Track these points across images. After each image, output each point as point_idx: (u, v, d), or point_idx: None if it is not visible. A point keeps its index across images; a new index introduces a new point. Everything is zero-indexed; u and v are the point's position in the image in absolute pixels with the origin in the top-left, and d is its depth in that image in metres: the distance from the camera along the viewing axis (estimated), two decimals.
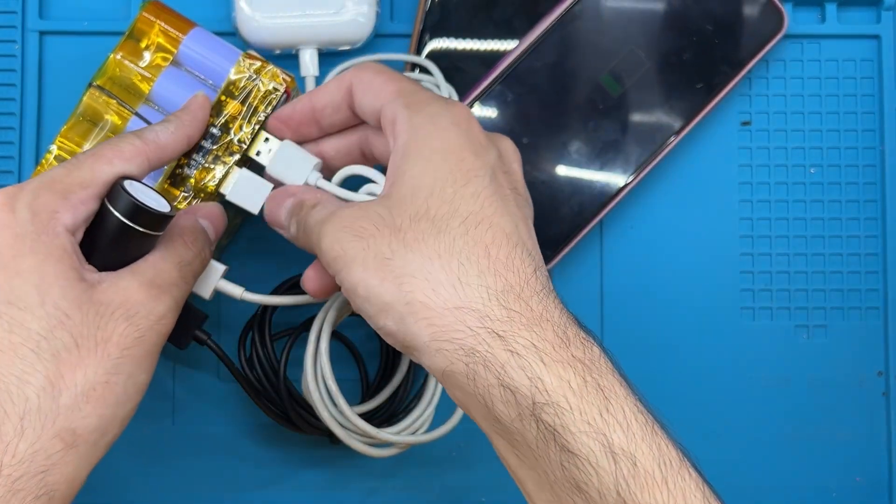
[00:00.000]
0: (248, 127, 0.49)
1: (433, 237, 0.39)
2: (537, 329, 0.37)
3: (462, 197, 0.40)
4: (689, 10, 0.56)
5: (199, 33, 0.50)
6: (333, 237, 0.41)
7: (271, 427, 0.55)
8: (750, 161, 0.58)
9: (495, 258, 0.39)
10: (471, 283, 0.38)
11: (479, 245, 0.39)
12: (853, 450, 0.57)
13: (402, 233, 0.39)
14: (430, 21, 0.56)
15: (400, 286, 0.38)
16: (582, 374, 0.37)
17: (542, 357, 0.37)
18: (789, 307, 0.58)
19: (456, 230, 0.39)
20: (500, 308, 0.38)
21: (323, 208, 0.43)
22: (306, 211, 0.44)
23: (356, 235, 0.40)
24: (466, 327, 0.37)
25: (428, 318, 0.38)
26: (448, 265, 0.38)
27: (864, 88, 0.59)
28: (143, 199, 0.42)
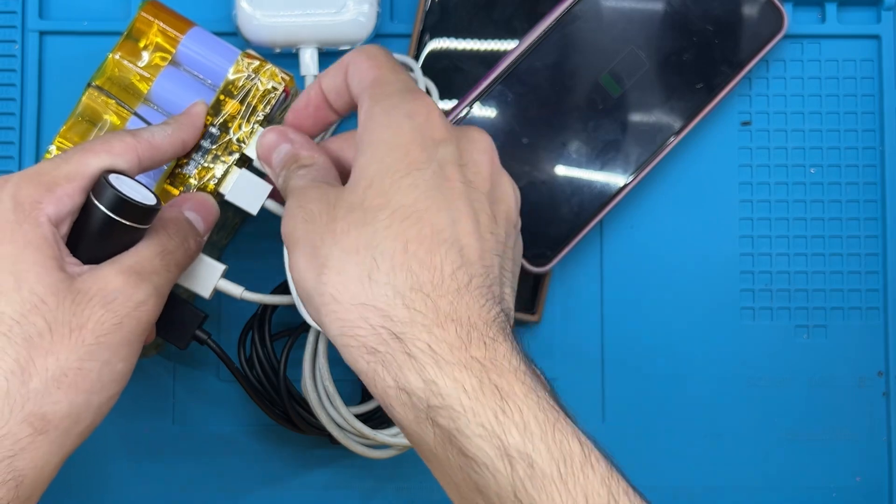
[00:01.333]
0: (248, 126, 0.49)
1: (357, 229, 0.38)
2: (438, 331, 0.36)
3: (398, 189, 0.38)
4: (689, 10, 0.56)
5: (198, 33, 0.50)
6: (292, 212, 0.41)
7: (271, 427, 0.55)
8: (750, 161, 0.58)
9: (413, 254, 0.37)
10: (379, 280, 0.37)
11: (399, 240, 0.38)
12: (853, 450, 0.57)
13: (335, 222, 0.39)
14: (430, 21, 0.56)
15: (319, 276, 0.38)
16: (478, 375, 0.35)
17: (437, 360, 0.36)
18: (789, 307, 0.58)
19: (381, 223, 0.38)
20: (403, 308, 0.37)
21: (307, 174, 0.43)
22: (293, 169, 0.43)
23: (305, 218, 0.40)
24: (369, 325, 0.37)
25: (336, 312, 0.37)
26: (363, 260, 0.37)
27: (864, 88, 0.59)
28: (129, 192, 0.42)
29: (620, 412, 0.57)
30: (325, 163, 0.44)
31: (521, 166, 0.55)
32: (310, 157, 0.44)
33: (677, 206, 0.58)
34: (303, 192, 0.41)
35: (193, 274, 0.48)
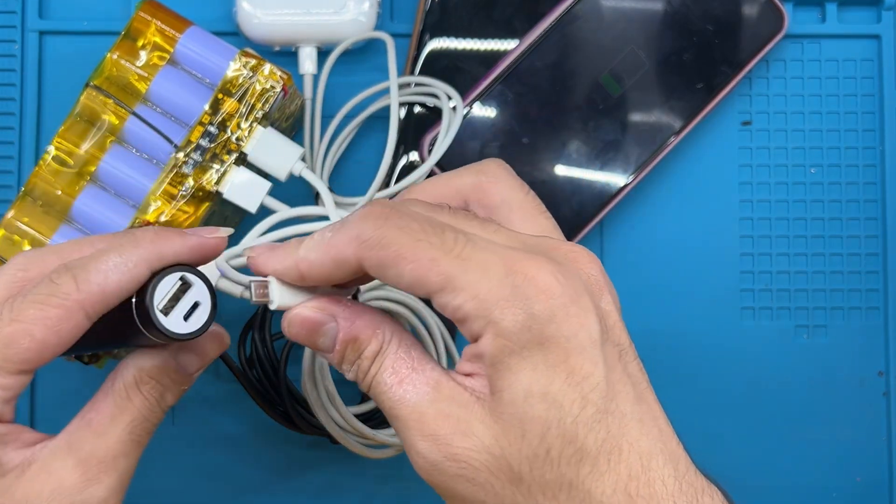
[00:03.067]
0: (246, 124, 0.49)
1: (565, 493, 0.32)
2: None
3: (584, 426, 0.32)
4: (689, 10, 0.56)
5: (196, 32, 0.50)
6: (430, 465, 0.33)
7: (271, 427, 0.55)
8: (750, 161, 0.58)
9: (636, 495, 0.32)
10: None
11: (619, 488, 0.32)
12: (853, 450, 0.57)
13: (525, 484, 0.32)
14: (430, 21, 0.56)
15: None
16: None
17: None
18: (789, 307, 0.58)
19: (589, 477, 0.32)
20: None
21: (393, 379, 0.34)
22: (368, 366, 0.35)
23: (467, 477, 0.32)
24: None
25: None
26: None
27: (865, 88, 0.59)
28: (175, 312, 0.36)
29: None
30: (397, 337, 0.35)
31: (521, 166, 0.55)
32: (374, 336, 0.35)
33: (677, 206, 0.58)
34: (427, 428, 0.33)
35: None
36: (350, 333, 0.35)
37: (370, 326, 0.35)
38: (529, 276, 0.32)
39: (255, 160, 0.49)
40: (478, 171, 0.38)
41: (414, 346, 0.35)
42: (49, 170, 0.49)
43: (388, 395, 0.34)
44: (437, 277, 0.32)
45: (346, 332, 0.35)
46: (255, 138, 0.49)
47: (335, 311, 0.35)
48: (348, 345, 0.35)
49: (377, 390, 0.34)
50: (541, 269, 0.32)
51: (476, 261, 0.32)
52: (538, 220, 0.38)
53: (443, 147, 0.51)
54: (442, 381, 0.33)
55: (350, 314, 0.35)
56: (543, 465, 0.32)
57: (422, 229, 0.33)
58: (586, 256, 0.35)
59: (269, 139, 0.49)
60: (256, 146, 0.49)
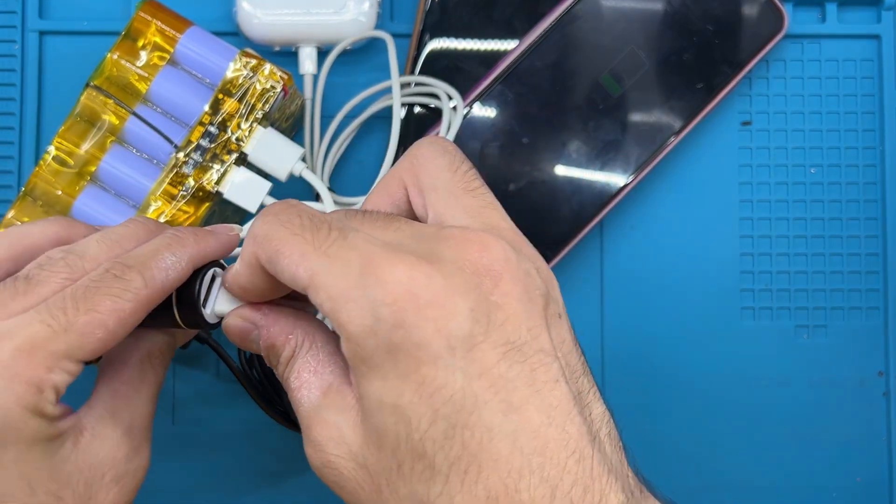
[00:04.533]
0: (246, 125, 0.49)
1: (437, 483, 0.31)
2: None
3: (433, 442, 0.30)
4: (689, 10, 0.56)
5: (196, 32, 0.50)
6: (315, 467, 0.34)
7: (271, 427, 0.55)
8: (750, 161, 0.58)
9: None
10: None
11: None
12: (853, 450, 0.57)
13: (384, 497, 0.32)
14: (430, 21, 0.56)
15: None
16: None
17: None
18: (789, 307, 0.58)
19: (440, 498, 0.31)
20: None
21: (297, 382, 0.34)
22: (283, 371, 0.35)
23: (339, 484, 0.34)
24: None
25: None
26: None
27: (865, 88, 0.59)
28: (209, 301, 0.38)
29: (620, 412, 0.57)
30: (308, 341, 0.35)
31: (521, 166, 0.55)
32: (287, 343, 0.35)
33: (677, 206, 0.58)
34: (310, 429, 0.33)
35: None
36: (267, 340, 0.35)
37: (283, 332, 0.35)
38: (381, 276, 0.30)
39: (255, 160, 0.49)
40: (411, 155, 0.36)
41: (325, 346, 0.34)
42: (49, 170, 0.49)
43: (291, 399, 0.34)
44: (304, 273, 0.31)
45: (264, 339, 0.35)
46: (255, 138, 0.49)
47: (255, 318, 0.35)
48: (269, 351, 0.35)
49: (289, 395, 0.34)
50: (396, 268, 0.30)
51: (340, 259, 0.31)
52: (462, 199, 0.35)
53: None
54: (333, 385, 0.33)
55: (268, 321, 0.35)
56: (397, 479, 0.31)
57: (301, 224, 0.32)
58: (481, 244, 0.32)
59: (270, 139, 0.49)
60: (256, 146, 0.49)
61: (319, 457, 0.33)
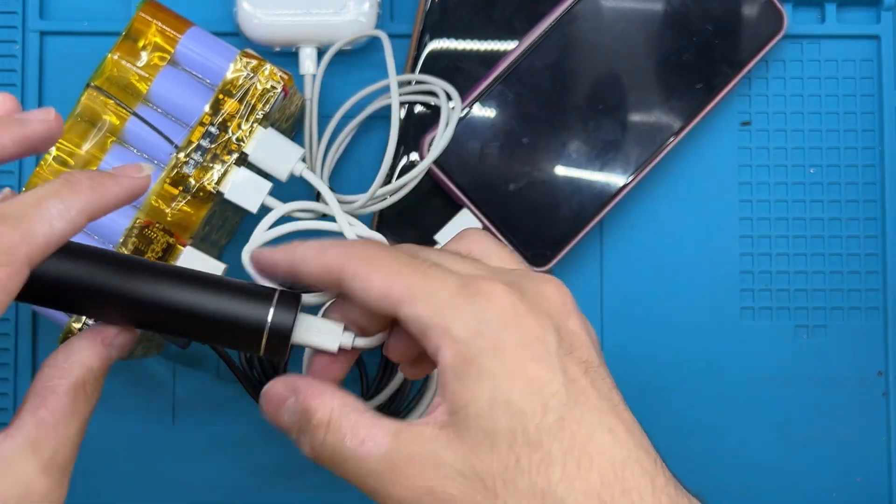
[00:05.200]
0: (247, 125, 0.49)
1: (539, 501, 0.32)
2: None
3: (548, 432, 0.32)
4: (689, 10, 0.56)
5: (196, 32, 0.50)
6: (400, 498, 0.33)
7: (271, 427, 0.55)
8: (750, 161, 0.58)
9: (612, 503, 0.32)
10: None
11: (591, 495, 0.32)
12: (853, 450, 0.57)
13: (501, 499, 0.32)
14: (430, 21, 0.56)
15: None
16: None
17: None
18: (789, 307, 0.58)
19: (560, 485, 0.32)
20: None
21: (353, 442, 0.34)
22: (322, 437, 0.35)
23: (441, 500, 0.33)
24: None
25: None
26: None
27: (864, 88, 0.59)
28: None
29: None
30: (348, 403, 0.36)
31: (521, 166, 0.55)
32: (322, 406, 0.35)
33: (677, 206, 0.58)
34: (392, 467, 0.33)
35: None
36: (302, 407, 0.36)
37: (318, 396, 0.36)
38: (483, 289, 0.34)
39: (255, 160, 0.49)
40: (459, 237, 0.40)
41: (365, 408, 0.35)
42: (50, 170, 0.49)
43: (353, 459, 0.34)
44: (400, 288, 0.34)
45: (301, 405, 0.36)
46: (255, 139, 0.49)
47: (297, 385, 0.37)
48: (300, 416, 0.36)
49: (340, 458, 0.34)
50: (495, 286, 0.34)
51: (437, 276, 0.35)
52: (514, 264, 0.39)
53: (441, 144, 0.51)
54: (401, 428, 0.34)
55: (304, 385, 0.36)
56: (515, 475, 0.32)
57: (399, 252, 0.36)
58: (553, 285, 0.36)
59: (270, 139, 0.49)
60: (257, 146, 0.49)
61: (419, 489, 0.33)
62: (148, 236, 0.48)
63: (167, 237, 0.48)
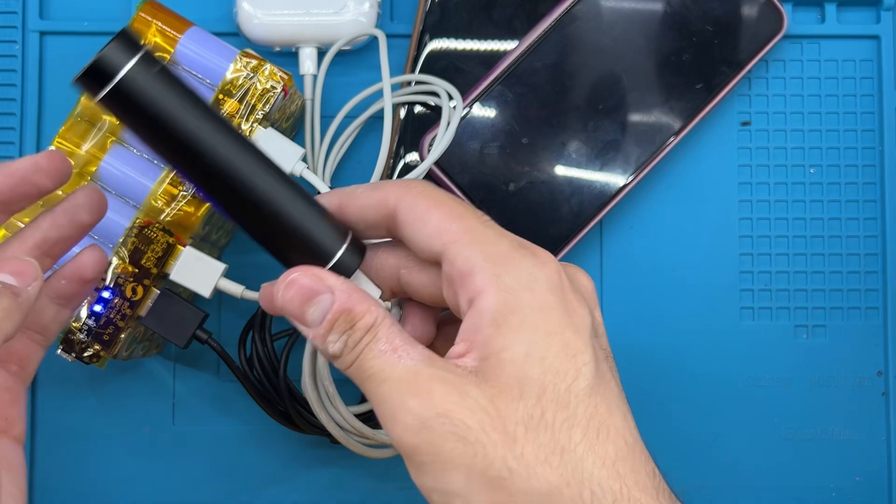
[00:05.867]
0: (247, 125, 0.49)
1: (557, 457, 0.32)
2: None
3: (576, 395, 0.33)
4: (689, 10, 0.56)
5: (196, 32, 0.50)
6: (420, 422, 0.33)
7: (271, 427, 0.55)
8: (750, 161, 0.58)
9: (624, 476, 0.33)
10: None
11: (607, 464, 0.33)
12: (853, 450, 0.57)
13: (519, 445, 0.32)
14: (430, 21, 0.57)
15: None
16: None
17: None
18: (789, 307, 0.58)
19: (580, 445, 0.33)
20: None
21: (387, 346, 0.34)
22: (360, 337, 0.35)
23: (459, 435, 0.32)
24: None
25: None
26: (580, 496, 0.32)
27: (864, 88, 0.59)
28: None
29: None
30: (386, 316, 0.35)
31: (521, 166, 0.55)
32: (367, 311, 0.35)
33: (677, 206, 0.58)
34: (418, 386, 0.33)
35: (193, 273, 0.48)
36: (346, 304, 0.35)
37: (365, 302, 0.35)
38: (538, 254, 0.35)
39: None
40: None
41: (401, 329, 0.35)
42: None
43: (379, 361, 0.34)
44: (458, 228, 0.35)
45: (343, 302, 0.35)
46: (255, 138, 0.49)
47: (333, 283, 0.35)
48: (341, 315, 0.35)
49: (366, 357, 0.34)
50: (548, 255, 0.36)
51: (496, 228, 0.36)
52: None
53: (443, 145, 0.51)
54: (434, 356, 0.34)
55: (347, 287, 0.35)
56: (538, 427, 0.32)
57: (458, 199, 0.37)
58: (586, 275, 0.38)
59: (270, 139, 0.49)
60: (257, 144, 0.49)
61: (436, 406, 0.33)
62: (148, 236, 0.48)
63: (167, 237, 0.48)
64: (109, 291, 0.47)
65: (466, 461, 0.32)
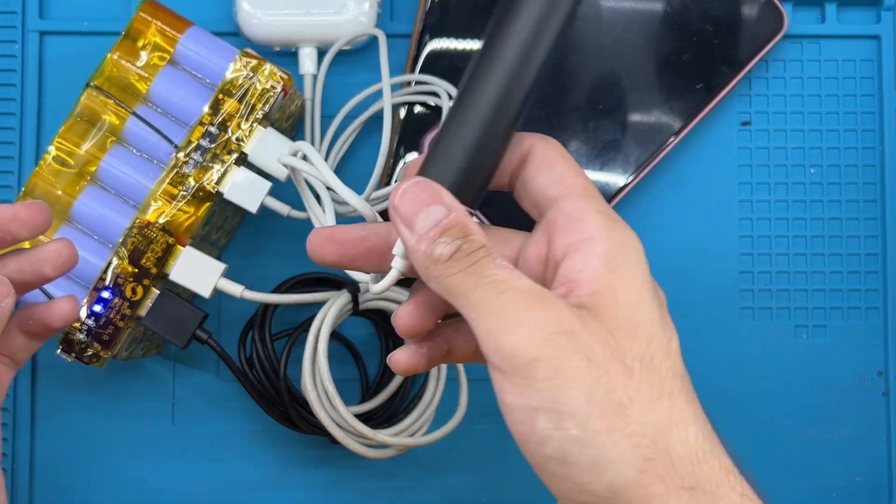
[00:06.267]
0: (246, 125, 0.49)
1: (666, 400, 0.33)
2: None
3: (676, 352, 0.35)
4: (689, 10, 0.56)
5: (196, 32, 0.50)
6: (546, 334, 0.32)
7: (271, 427, 0.55)
8: (750, 161, 0.58)
9: (710, 435, 0.34)
10: (707, 461, 0.33)
11: (700, 419, 0.34)
12: (853, 450, 0.57)
13: (635, 380, 0.33)
14: (430, 21, 0.56)
15: (635, 447, 0.32)
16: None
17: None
18: (789, 307, 0.58)
19: (681, 397, 0.34)
20: (732, 491, 0.33)
21: (505, 263, 0.34)
22: (476, 248, 0.34)
23: (585, 355, 0.32)
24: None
25: (658, 496, 0.32)
26: (685, 436, 0.33)
27: (864, 88, 0.59)
28: None
29: None
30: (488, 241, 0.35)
31: None
32: (481, 234, 0.35)
33: (677, 206, 0.58)
34: (537, 302, 0.33)
35: (193, 273, 0.48)
36: (463, 220, 0.34)
37: (478, 228, 0.35)
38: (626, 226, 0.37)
39: (255, 160, 0.49)
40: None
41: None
42: (49, 170, 0.49)
43: (501, 272, 0.34)
44: (578, 183, 0.37)
45: (461, 218, 0.34)
46: (255, 138, 0.49)
47: (451, 202, 0.35)
48: (456, 226, 0.34)
49: (486, 265, 0.34)
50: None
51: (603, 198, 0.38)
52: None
53: None
54: (545, 291, 0.34)
55: (463, 209, 0.35)
56: (649, 368, 0.33)
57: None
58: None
59: (270, 139, 0.49)
60: (257, 146, 0.49)
61: (564, 325, 0.32)
62: (148, 236, 0.48)
63: (167, 237, 0.48)
64: (109, 291, 0.47)
65: (590, 381, 0.32)
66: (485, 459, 0.57)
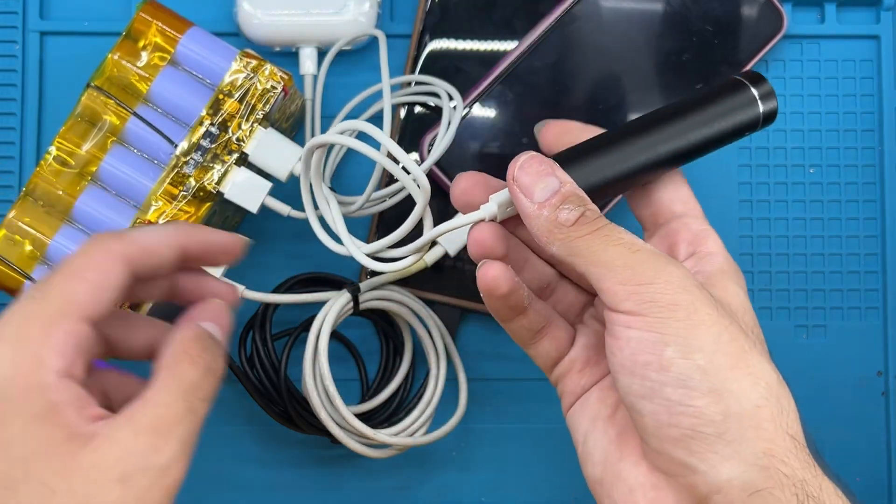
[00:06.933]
0: (247, 125, 0.49)
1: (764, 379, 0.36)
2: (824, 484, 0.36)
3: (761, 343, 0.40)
4: (689, 10, 0.56)
5: (196, 33, 0.50)
6: (678, 285, 0.36)
7: (271, 426, 0.55)
8: (749, 161, 0.58)
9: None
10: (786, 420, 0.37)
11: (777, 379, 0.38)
12: (853, 450, 0.57)
13: (751, 340, 0.37)
14: (430, 21, 0.57)
15: (753, 385, 0.36)
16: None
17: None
18: (789, 307, 0.58)
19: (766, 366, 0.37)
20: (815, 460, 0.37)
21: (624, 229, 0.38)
22: (598, 215, 0.38)
23: (713, 304, 0.37)
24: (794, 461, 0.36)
25: (764, 438, 0.35)
26: (778, 401, 0.36)
27: (864, 88, 0.59)
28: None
29: None
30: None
31: None
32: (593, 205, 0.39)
33: None
34: (674, 263, 0.37)
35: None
36: (579, 192, 0.38)
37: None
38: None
39: (255, 160, 0.49)
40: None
41: None
42: (50, 170, 0.49)
43: (628, 235, 0.38)
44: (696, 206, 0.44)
45: (577, 189, 0.38)
46: (255, 139, 0.49)
47: (564, 177, 0.39)
48: (574, 195, 0.38)
49: (613, 228, 0.38)
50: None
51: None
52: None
53: (443, 145, 0.51)
54: None
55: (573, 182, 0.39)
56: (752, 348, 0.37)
57: None
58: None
59: (270, 139, 0.49)
60: (257, 146, 0.49)
61: (692, 279, 0.37)
62: None
63: None
64: None
65: (718, 328, 0.36)
66: (485, 459, 0.57)
